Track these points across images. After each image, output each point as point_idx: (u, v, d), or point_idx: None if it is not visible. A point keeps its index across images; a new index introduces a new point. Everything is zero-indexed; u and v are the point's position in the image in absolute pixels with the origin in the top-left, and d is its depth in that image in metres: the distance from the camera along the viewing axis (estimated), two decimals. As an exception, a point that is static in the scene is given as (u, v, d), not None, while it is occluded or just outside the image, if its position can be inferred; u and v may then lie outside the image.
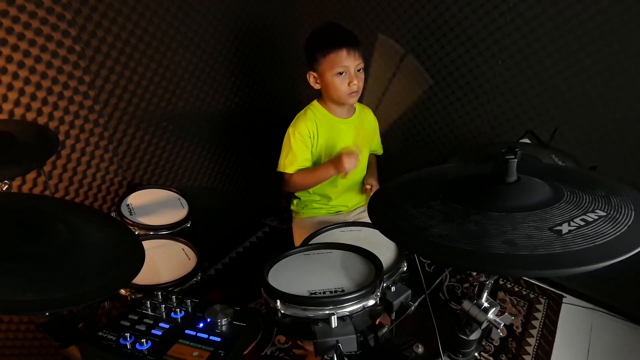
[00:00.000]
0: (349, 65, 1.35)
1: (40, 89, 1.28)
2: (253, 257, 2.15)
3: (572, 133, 1.62)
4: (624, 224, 0.59)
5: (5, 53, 1.18)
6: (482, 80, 1.75)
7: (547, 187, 0.70)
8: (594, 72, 1.50)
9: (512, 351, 1.64)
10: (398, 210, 0.72)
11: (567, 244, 0.56)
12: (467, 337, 0.80)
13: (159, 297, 0.95)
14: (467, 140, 1.91)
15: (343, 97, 1.39)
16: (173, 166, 1.79)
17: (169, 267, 1.20)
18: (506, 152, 0.69)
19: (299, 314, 0.85)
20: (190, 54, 1.69)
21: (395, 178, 0.88)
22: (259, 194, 2.34)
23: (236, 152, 2.08)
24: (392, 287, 0.92)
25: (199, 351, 0.81)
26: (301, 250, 1.08)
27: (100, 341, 0.82)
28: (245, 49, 1.92)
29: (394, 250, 1.12)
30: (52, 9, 1.24)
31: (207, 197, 1.99)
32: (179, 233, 1.33)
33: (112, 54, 1.43)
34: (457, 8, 1.68)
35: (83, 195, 1.49)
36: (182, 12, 1.61)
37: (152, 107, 1.62)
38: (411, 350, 0.95)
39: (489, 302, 0.76)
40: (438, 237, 0.62)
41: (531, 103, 1.67)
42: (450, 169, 0.93)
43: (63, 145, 1.38)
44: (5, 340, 1.41)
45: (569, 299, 1.88)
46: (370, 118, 1.61)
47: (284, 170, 1.46)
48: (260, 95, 2.11)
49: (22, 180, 1.31)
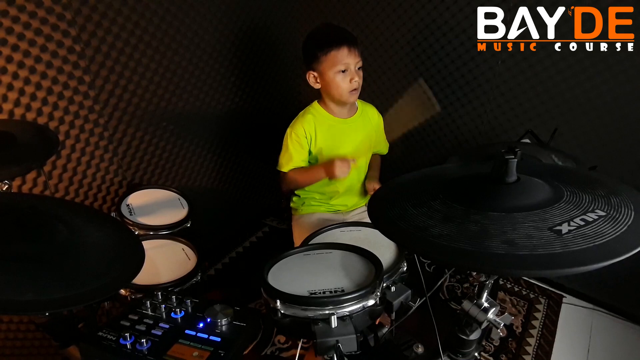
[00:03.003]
0: (350, 62, 1.36)
1: (40, 89, 1.28)
2: (253, 257, 2.15)
3: (572, 133, 1.62)
4: (624, 224, 0.59)
5: (5, 53, 1.18)
6: (482, 80, 1.75)
7: (547, 187, 0.70)
8: (594, 72, 1.50)
9: (512, 351, 1.64)
10: (398, 210, 0.72)
11: (567, 244, 0.56)
12: (467, 337, 0.80)
13: (159, 297, 0.95)
14: (467, 140, 1.91)
15: (344, 95, 1.40)
16: (173, 166, 1.79)
17: (169, 267, 1.20)
18: (506, 152, 0.69)
19: (299, 314, 0.84)
20: (190, 54, 1.69)
21: (395, 178, 0.88)
22: (259, 194, 2.34)
23: (236, 152, 2.08)
24: (392, 287, 0.92)
25: (199, 351, 0.81)
26: (301, 250, 1.08)
27: (100, 341, 0.82)
28: (245, 49, 1.92)
29: (394, 250, 1.12)
30: (52, 9, 1.24)
31: (207, 197, 1.99)
32: (179, 233, 1.33)
33: (112, 54, 1.43)
34: (457, 8, 1.68)
35: (83, 195, 1.49)
36: (182, 12, 1.61)
37: (152, 107, 1.62)
38: (411, 350, 0.95)
39: (489, 302, 0.76)
40: (438, 237, 0.62)
41: (531, 103, 1.67)
42: (450, 169, 0.93)
43: (63, 145, 1.38)
44: (5, 340, 1.41)
45: (569, 299, 1.88)
46: (373, 116, 1.60)
47: (280, 168, 1.51)
48: (260, 95, 2.11)
49: (22, 180, 1.31)
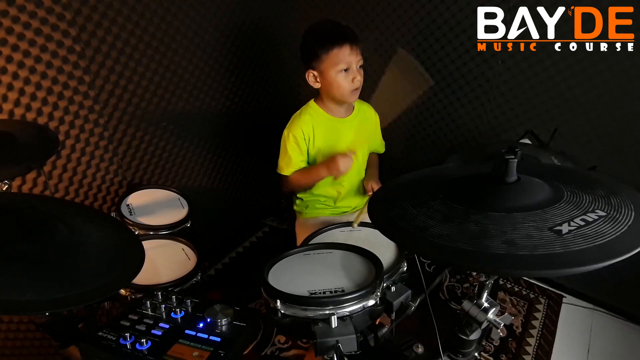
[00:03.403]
0: (352, 61, 1.34)
1: (40, 89, 1.28)
2: (253, 257, 2.15)
3: (572, 133, 1.62)
4: (624, 224, 0.59)
5: (5, 53, 1.18)
6: (482, 80, 1.75)
7: (547, 187, 0.70)
8: (594, 72, 1.50)
9: (512, 351, 1.64)
10: (398, 210, 0.72)
11: (567, 244, 0.56)
12: (467, 337, 0.80)
13: (159, 297, 0.95)
14: (467, 140, 1.91)
15: (346, 95, 1.38)
16: (173, 166, 1.79)
17: (169, 267, 1.20)
18: (506, 152, 0.69)
19: (299, 314, 0.84)
20: (190, 54, 1.69)
21: (395, 178, 0.88)
22: (259, 194, 2.34)
23: (236, 152, 2.08)
24: (392, 287, 0.92)
25: (199, 351, 0.80)
26: (301, 250, 1.08)
27: (100, 341, 0.82)
28: (245, 49, 1.92)
29: (394, 250, 1.12)
30: (52, 9, 1.24)
31: (207, 197, 1.99)
32: (179, 233, 1.33)
33: (112, 54, 1.43)
34: (457, 8, 1.68)
35: (83, 195, 1.49)
36: (182, 12, 1.60)
37: (152, 107, 1.62)
38: (411, 350, 0.95)
39: (489, 302, 0.76)
40: (438, 237, 0.62)
41: (531, 103, 1.67)
42: (450, 169, 0.93)
43: (63, 145, 1.38)
44: (5, 340, 1.41)
45: (569, 299, 1.88)
46: (370, 115, 1.59)
47: (281, 172, 1.49)
48: (260, 95, 2.11)
49: (22, 180, 1.31)
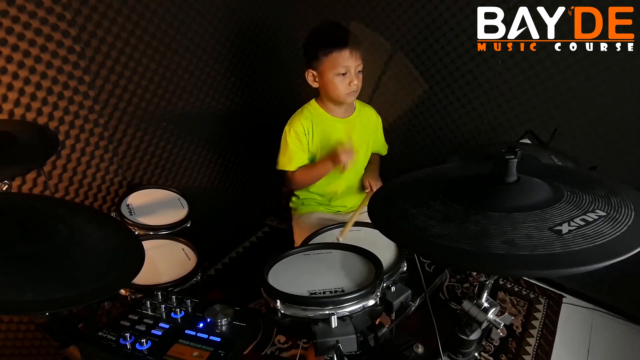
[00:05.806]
0: (350, 65, 1.34)
1: (40, 89, 1.28)
2: (253, 257, 2.15)
3: (572, 133, 1.62)
4: (624, 224, 0.59)
5: (5, 53, 1.18)
6: (482, 80, 1.75)
7: (547, 187, 0.70)
8: (594, 72, 1.50)
9: (512, 351, 1.64)
10: (398, 210, 0.72)
11: (567, 244, 0.56)
12: (467, 337, 0.80)
13: (159, 297, 0.95)
14: (467, 140, 1.91)
15: (341, 97, 1.39)
16: (173, 166, 1.79)
17: (169, 267, 1.20)
18: (506, 152, 0.69)
19: (299, 314, 0.84)
20: (190, 54, 1.69)
21: (395, 178, 0.88)
22: (259, 194, 2.34)
23: (236, 152, 2.08)
24: (392, 287, 0.92)
25: (199, 351, 0.81)
26: (301, 250, 1.08)
27: (100, 341, 0.82)
28: (245, 49, 1.92)
29: (394, 250, 1.12)
30: (52, 9, 1.24)
31: (207, 197, 1.99)
32: (179, 233, 1.33)
33: (112, 54, 1.43)
34: (457, 8, 1.68)
35: (83, 195, 1.49)
36: (182, 12, 1.60)
37: (152, 107, 1.62)
38: (411, 350, 0.95)
39: (489, 302, 0.76)
40: (438, 237, 0.62)
41: (531, 103, 1.67)
42: (450, 169, 0.93)
43: (63, 145, 1.38)
44: (5, 340, 1.41)
45: (569, 299, 1.88)
46: (371, 116, 1.60)
47: (283, 168, 1.47)
48: (260, 95, 2.11)
49: (22, 180, 1.31)
